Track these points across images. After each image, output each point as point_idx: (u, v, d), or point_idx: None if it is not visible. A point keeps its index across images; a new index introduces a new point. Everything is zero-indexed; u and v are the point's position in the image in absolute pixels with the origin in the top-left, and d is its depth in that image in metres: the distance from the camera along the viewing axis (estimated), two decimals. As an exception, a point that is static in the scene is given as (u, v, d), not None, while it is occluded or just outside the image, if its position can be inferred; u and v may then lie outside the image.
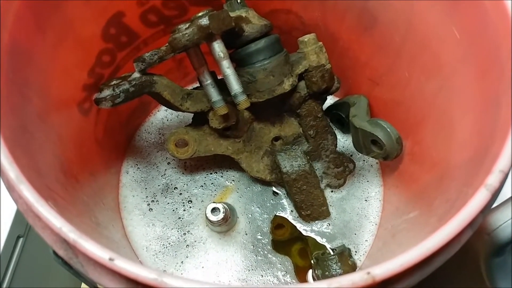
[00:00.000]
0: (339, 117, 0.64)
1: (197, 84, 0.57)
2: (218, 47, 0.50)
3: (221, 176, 0.64)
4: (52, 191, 0.37)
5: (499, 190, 0.32)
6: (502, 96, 0.35)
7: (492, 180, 0.31)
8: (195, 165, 0.64)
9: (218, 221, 0.54)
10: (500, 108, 0.35)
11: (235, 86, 0.51)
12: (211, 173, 0.64)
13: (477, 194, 0.30)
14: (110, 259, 0.28)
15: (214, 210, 0.54)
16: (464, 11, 0.41)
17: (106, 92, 0.50)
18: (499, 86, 0.36)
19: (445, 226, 0.30)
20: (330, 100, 0.66)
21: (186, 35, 0.47)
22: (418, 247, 0.29)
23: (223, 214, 0.54)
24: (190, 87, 0.68)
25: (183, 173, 0.64)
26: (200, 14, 0.49)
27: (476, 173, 0.34)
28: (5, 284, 0.63)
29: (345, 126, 0.64)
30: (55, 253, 0.33)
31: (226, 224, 0.57)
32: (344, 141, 0.65)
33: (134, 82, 0.51)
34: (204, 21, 0.48)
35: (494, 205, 0.51)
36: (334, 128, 0.66)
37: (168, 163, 0.64)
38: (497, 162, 0.31)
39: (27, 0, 0.40)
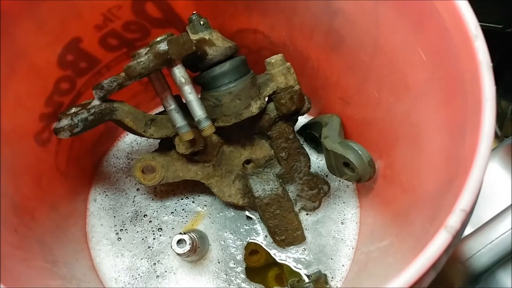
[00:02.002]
0: (313, 136, 0.62)
1: (166, 107, 0.55)
2: (179, 73, 0.48)
3: (193, 202, 0.62)
4: (-7, 238, 0.35)
5: (462, 230, 0.30)
6: (467, 126, 0.33)
7: (453, 221, 0.29)
8: (166, 190, 0.62)
9: (184, 253, 0.51)
10: (465, 139, 0.33)
11: (198, 112, 0.49)
12: (182, 199, 0.62)
13: (438, 236, 0.28)
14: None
15: (180, 241, 0.52)
16: (428, 32, 0.39)
17: (64, 122, 0.48)
18: (463, 114, 0.34)
19: (406, 271, 0.28)
20: (304, 119, 0.64)
21: (141, 63, 0.45)
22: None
23: (190, 246, 0.51)
24: (158, 109, 0.66)
25: (153, 199, 0.62)
26: (158, 39, 0.47)
27: (438, 210, 0.32)
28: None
29: (320, 145, 0.62)
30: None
31: (195, 254, 0.54)
32: (319, 161, 0.63)
33: (93, 110, 0.48)
34: (163, 46, 0.46)
35: (468, 232, 0.50)
36: (308, 148, 0.64)
37: (138, 189, 0.62)
38: (458, 199, 0.29)
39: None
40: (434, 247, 0.28)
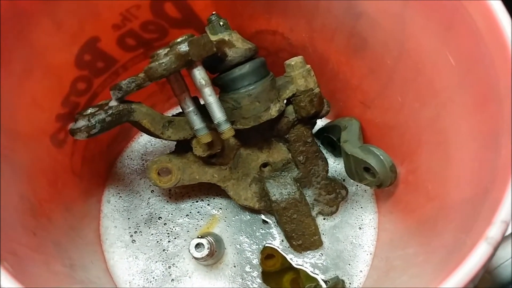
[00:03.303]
0: (331, 140, 0.61)
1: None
2: (199, 74, 0.47)
3: (208, 204, 0.61)
4: (13, 242, 0.34)
5: (500, 242, 0.29)
6: (501, 135, 0.32)
7: (494, 232, 0.28)
8: (180, 192, 0.61)
9: (202, 257, 0.51)
10: (500, 148, 0.32)
11: (218, 114, 0.48)
12: (197, 201, 0.61)
13: (478, 248, 0.28)
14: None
15: (198, 245, 0.51)
16: (458, 37, 0.38)
17: (81, 123, 0.47)
18: (498, 123, 0.33)
19: (444, 283, 0.27)
20: (321, 122, 0.63)
21: (163, 64, 0.44)
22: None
23: (208, 250, 0.51)
24: (175, 110, 0.65)
25: (167, 201, 0.61)
26: (179, 39, 0.46)
27: (474, 220, 0.31)
28: None
29: (337, 149, 0.61)
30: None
31: (212, 258, 0.53)
32: (336, 165, 0.62)
33: (110, 111, 0.48)
34: (183, 47, 0.45)
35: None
36: (325, 152, 0.63)
37: (152, 191, 0.61)
38: (497, 211, 0.28)
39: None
40: (475, 259, 0.27)
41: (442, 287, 0.27)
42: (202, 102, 0.51)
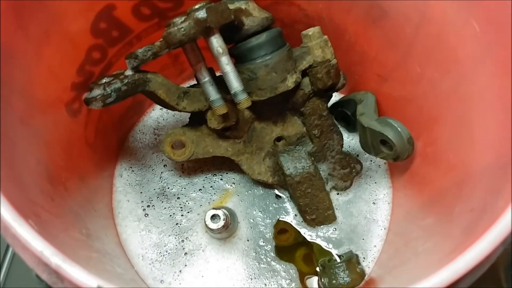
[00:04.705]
0: (345, 115, 0.60)
1: (194, 81, 0.53)
2: (217, 42, 0.46)
3: (221, 179, 0.60)
4: (35, 205, 0.34)
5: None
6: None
7: (528, 192, 0.27)
8: (193, 167, 0.61)
9: (218, 228, 0.50)
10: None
11: (235, 84, 0.48)
12: (210, 176, 0.60)
13: None
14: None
15: (214, 217, 0.51)
16: (485, 3, 0.37)
17: (97, 92, 0.47)
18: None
19: (476, 244, 0.27)
20: (335, 97, 0.63)
21: (182, 29, 0.44)
22: (447, 269, 0.26)
23: (224, 221, 0.50)
24: (186, 84, 0.64)
25: (180, 175, 0.60)
26: (196, 6, 0.45)
27: (504, 182, 0.31)
28: None
29: (351, 124, 0.61)
30: (38, 276, 0.29)
31: (226, 231, 0.53)
32: (350, 140, 0.62)
33: (126, 81, 0.47)
34: (201, 14, 0.44)
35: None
36: (339, 127, 0.62)
37: (165, 166, 0.61)
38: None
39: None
40: (509, 219, 0.27)
41: (474, 247, 0.27)
42: (217, 74, 0.51)
